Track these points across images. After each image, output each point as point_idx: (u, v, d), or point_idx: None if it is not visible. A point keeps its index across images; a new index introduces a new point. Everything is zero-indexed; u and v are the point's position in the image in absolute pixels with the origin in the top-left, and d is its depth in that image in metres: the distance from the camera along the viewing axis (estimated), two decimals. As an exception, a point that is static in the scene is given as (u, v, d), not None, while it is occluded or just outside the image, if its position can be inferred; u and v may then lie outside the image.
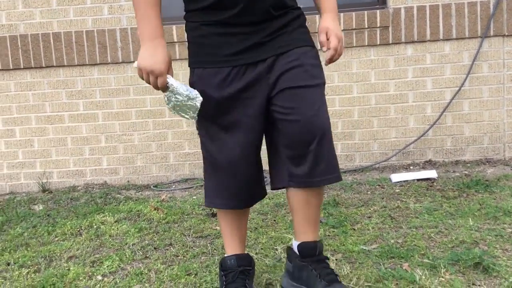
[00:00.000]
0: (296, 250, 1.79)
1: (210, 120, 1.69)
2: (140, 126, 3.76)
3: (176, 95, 1.60)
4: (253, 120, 1.67)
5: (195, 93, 1.59)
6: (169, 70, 1.61)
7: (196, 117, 1.65)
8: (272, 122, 1.68)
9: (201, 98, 1.60)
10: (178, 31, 3.58)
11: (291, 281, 1.81)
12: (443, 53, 3.61)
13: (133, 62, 1.89)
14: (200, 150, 1.80)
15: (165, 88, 1.60)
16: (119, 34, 3.67)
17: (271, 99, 1.65)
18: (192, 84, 1.69)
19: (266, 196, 3.15)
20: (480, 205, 2.66)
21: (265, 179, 1.86)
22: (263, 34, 1.64)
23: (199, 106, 1.60)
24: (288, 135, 1.64)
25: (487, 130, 3.65)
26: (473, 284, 1.83)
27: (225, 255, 1.85)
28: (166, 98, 1.62)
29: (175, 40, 3.60)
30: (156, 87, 1.59)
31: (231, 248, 1.84)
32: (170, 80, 1.60)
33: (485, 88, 3.62)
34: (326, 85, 1.76)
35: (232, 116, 1.66)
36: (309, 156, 1.63)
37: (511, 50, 3.58)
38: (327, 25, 1.66)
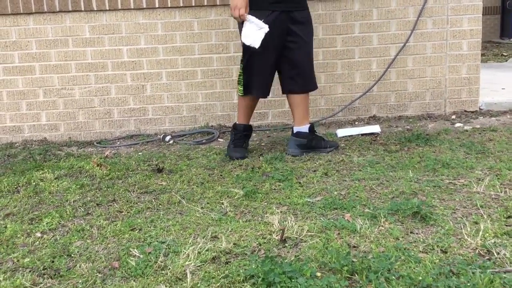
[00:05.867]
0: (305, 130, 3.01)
1: None
2: (81, 80, 3.60)
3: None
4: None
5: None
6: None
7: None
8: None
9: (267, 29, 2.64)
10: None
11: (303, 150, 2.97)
12: (389, 8, 3.62)
13: None
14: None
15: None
16: (56, -19, 3.44)
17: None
18: None
19: (213, 151, 3.12)
20: (420, 158, 2.75)
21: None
22: None
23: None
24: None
25: (429, 86, 3.74)
26: (411, 232, 1.90)
27: (237, 122, 3.02)
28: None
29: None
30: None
31: (243, 119, 3.01)
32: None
33: (429, 44, 3.68)
34: None
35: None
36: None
37: (455, 7, 3.63)
38: None
